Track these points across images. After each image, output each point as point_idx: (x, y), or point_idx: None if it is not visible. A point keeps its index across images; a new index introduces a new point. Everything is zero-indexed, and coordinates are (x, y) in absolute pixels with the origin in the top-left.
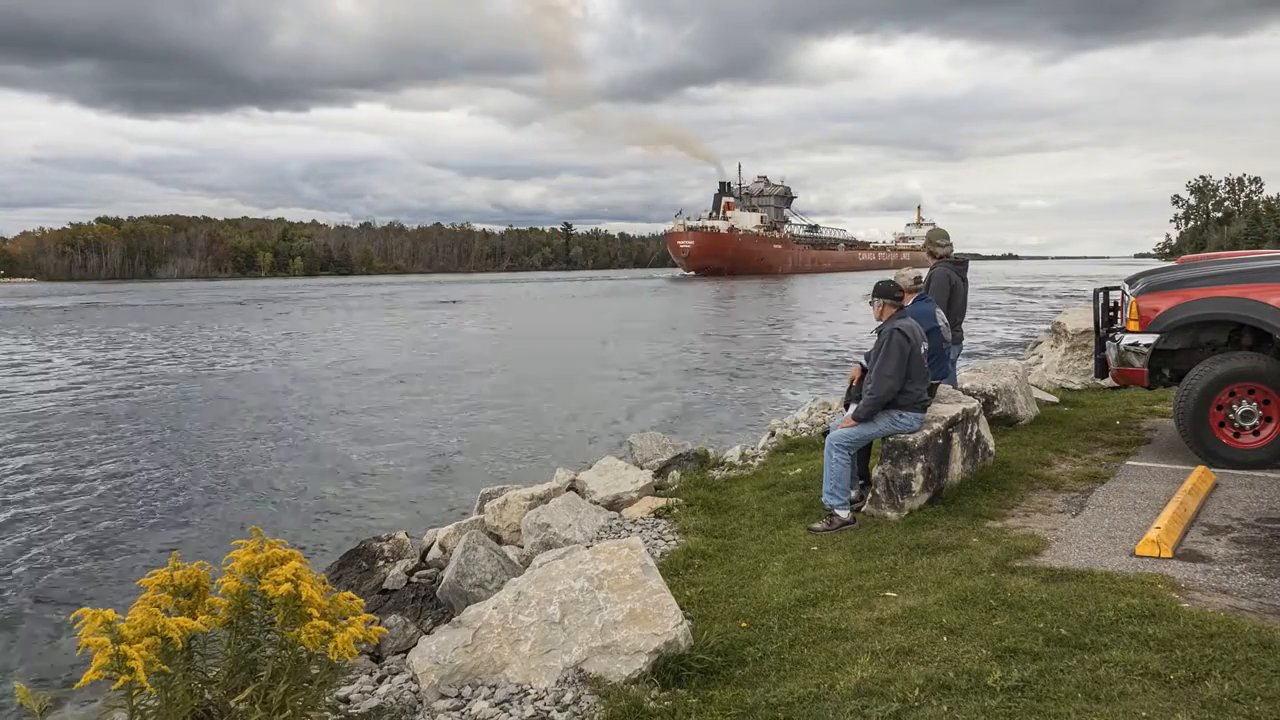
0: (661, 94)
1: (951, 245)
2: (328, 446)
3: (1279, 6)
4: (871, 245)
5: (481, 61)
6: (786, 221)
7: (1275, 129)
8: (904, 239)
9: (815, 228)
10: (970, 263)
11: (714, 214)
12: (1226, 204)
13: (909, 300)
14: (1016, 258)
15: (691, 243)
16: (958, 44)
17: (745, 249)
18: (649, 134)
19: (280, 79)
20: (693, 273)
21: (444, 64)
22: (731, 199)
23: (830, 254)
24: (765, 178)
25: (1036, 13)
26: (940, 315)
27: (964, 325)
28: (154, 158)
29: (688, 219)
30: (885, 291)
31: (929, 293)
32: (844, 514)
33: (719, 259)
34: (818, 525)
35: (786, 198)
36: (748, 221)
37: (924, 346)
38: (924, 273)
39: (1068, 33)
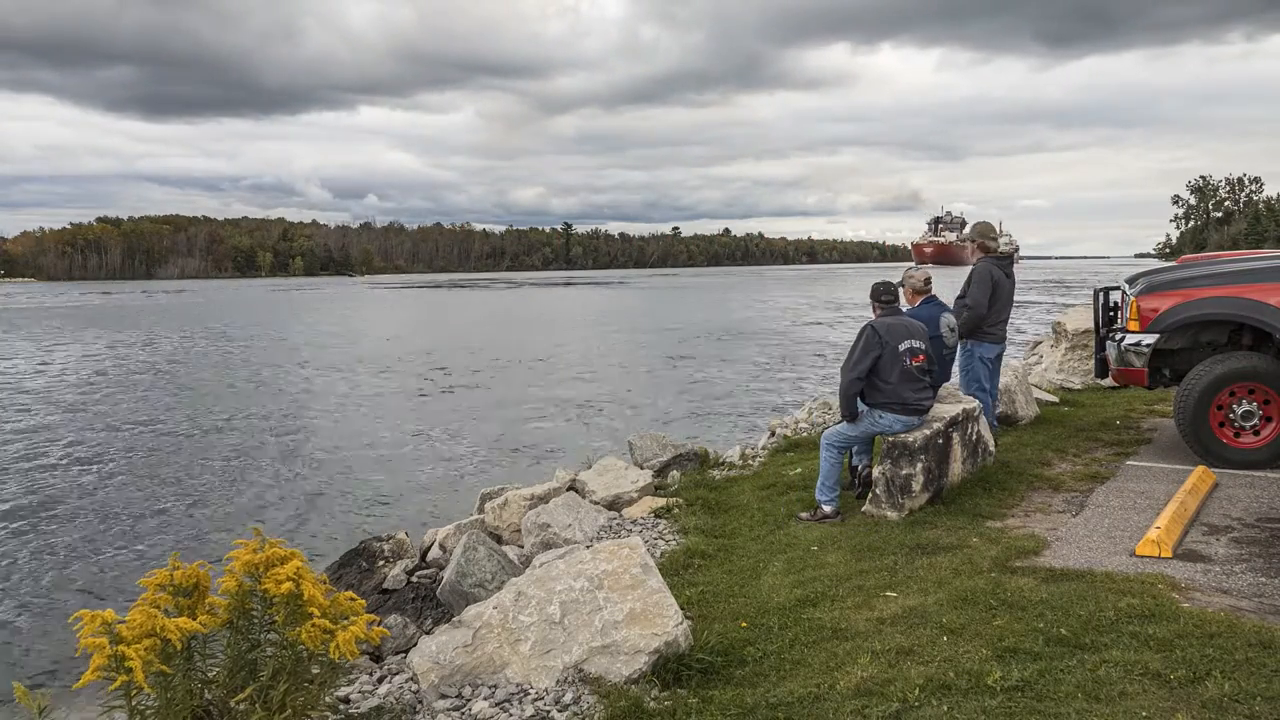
0: (664, 96)
1: (999, 240)
2: (328, 446)
3: (1245, 15)
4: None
5: (488, 65)
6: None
7: (1271, 129)
8: (929, 243)
9: (949, 245)
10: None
11: (932, 233)
12: (1226, 204)
13: (916, 302)
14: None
15: (931, 248)
16: (944, 51)
17: (954, 252)
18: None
19: (293, 85)
20: (929, 265)
21: (451, 69)
22: (942, 224)
23: (1007, 255)
24: (950, 212)
25: (1015, 22)
26: (948, 321)
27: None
28: (163, 160)
29: (930, 238)
30: (877, 293)
31: (970, 290)
32: (828, 508)
33: (945, 258)
34: (804, 514)
35: (962, 224)
36: (951, 236)
37: (910, 346)
38: (930, 275)
39: (1043, 41)
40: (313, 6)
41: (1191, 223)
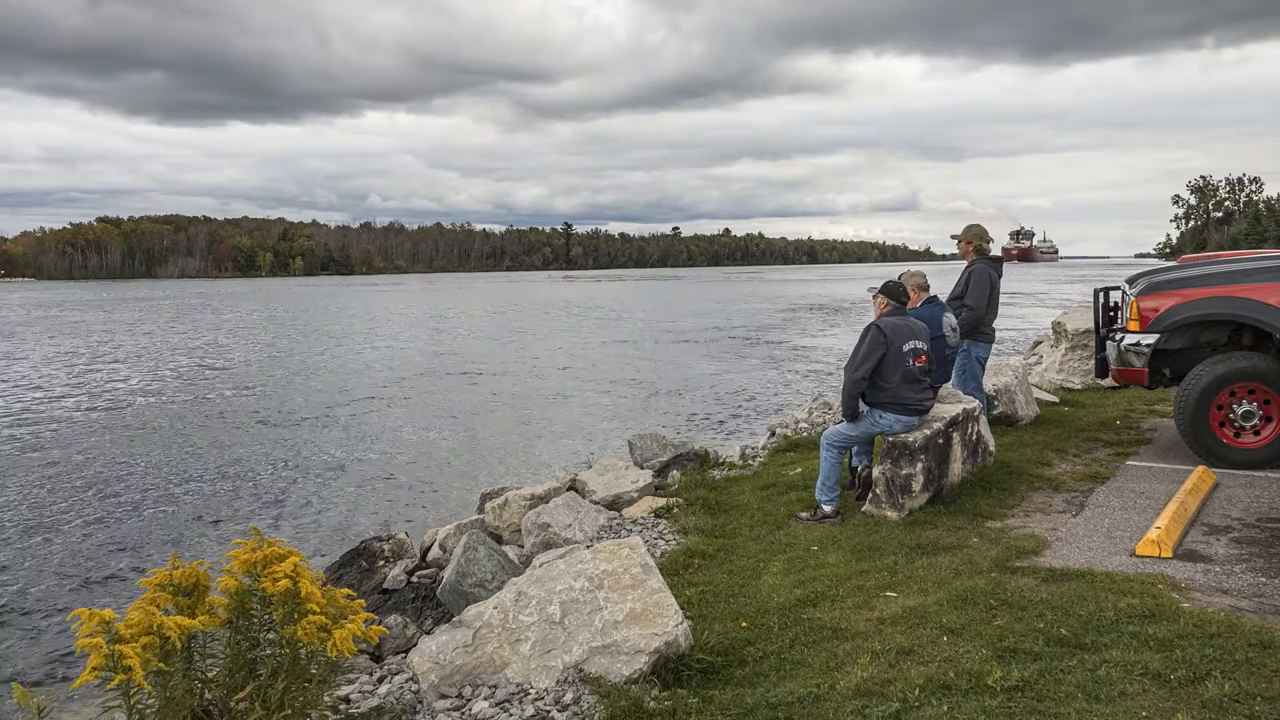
0: (665, 101)
1: (992, 241)
2: (328, 446)
3: (1214, 26)
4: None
5: (494, 70)
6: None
7: (1245, 131)
8: (1014, 246)
9: (1029, 247)
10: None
11: (1014, 241)
12: (1227, 204)
13: (918, 302)
14: None
15: (1016, 251)
16: (937, 58)
17: (1032, 254)
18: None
19: (305, 90)
20: (1009, 262)
21: (458, 74)
22: (1020, 234)
23: (1046, 255)
24: (1022, 226)
25: (999, 30)
26: (949, 321)
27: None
28: (169, 161)
29: (1015, 243)
30: (892, 291)
31: (970, 291)
32: (828, 508)
33: (1026, 258)
34: (804, 515)
35: (1031, 234)
36: (1027, 243)
37: (914, 347)
38: (924, 274)
39: (1026, 49)
40: (331, 16)
41: (1192, 223)
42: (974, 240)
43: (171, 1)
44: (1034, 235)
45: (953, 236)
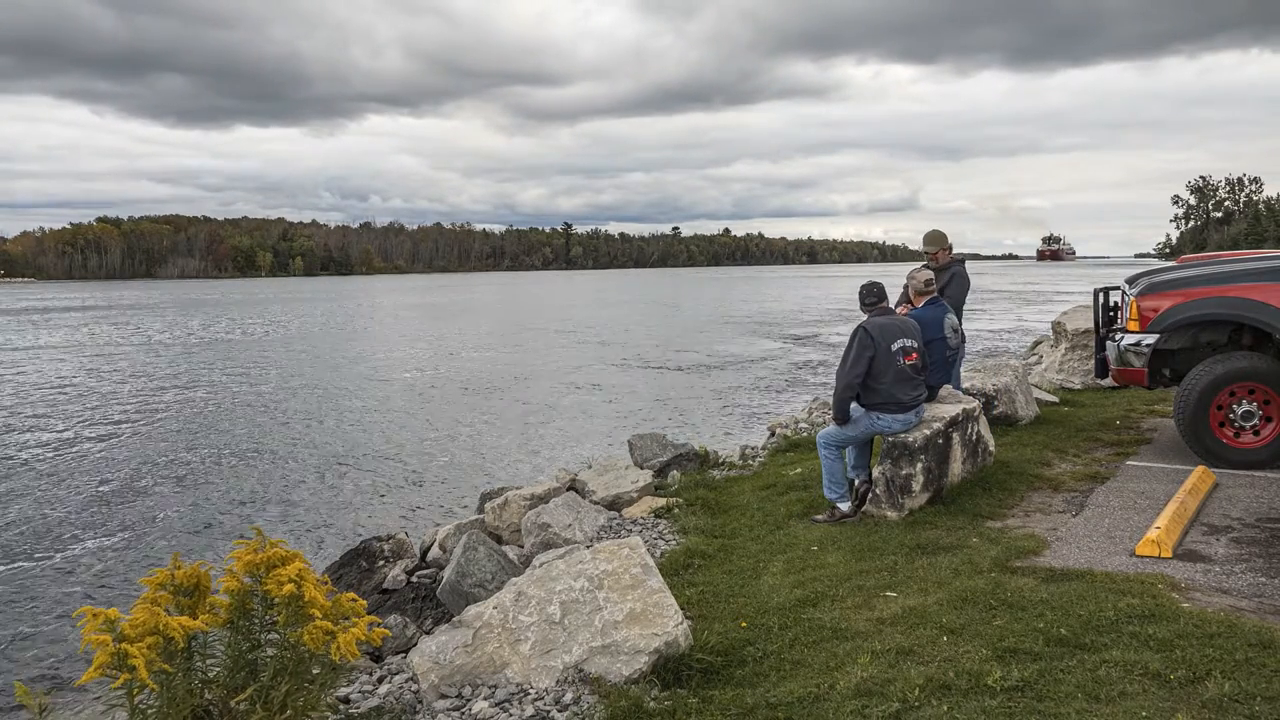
0: (669, 105)
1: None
2: (329, 447)
3: (1188, 37)
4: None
5: (498, 74)
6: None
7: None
8: (1047, 249)
9: (1057, 249)
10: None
11: (1046, 245)
12: (1226, 204)
13: (920, 303)
14: (1016, 258)
15: (1049, 252)
16: (934, 63)
17: (1061, 255)
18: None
19: (314, 94)
20: (1043, 260)
21: (463, 78)
22: (1050, 239)
23: (1068, 256)
24: (1052, 233)
25: (990, 34)
26: (950, 322)
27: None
28: (172, 162)
29: (1047, 246)
30: (860, 298)
31: (953, 288)
32: (844, 506)
33: (1055, 258)
34: (819, 517)
35: (1058, 239)
36: (1056, 246)
37: (903, 345)
38: (932, 275)
39: (1009, 57)
40: (341, 23)
41: (1191, 223)
42: (947, 244)
43: (196, 11)
44: (1061, 240)
45: (925, 250)
